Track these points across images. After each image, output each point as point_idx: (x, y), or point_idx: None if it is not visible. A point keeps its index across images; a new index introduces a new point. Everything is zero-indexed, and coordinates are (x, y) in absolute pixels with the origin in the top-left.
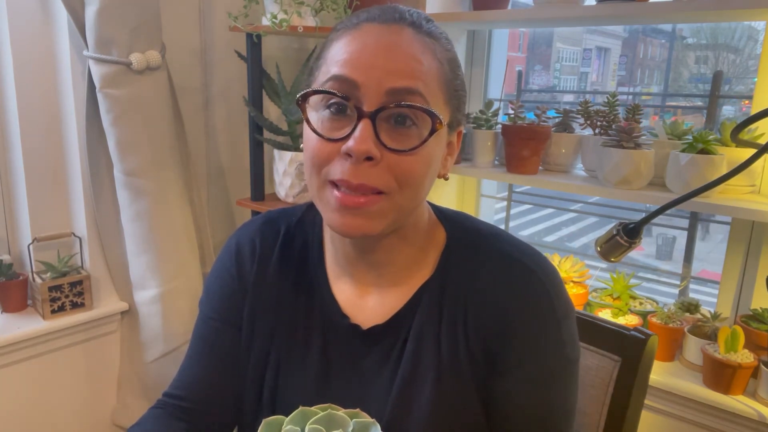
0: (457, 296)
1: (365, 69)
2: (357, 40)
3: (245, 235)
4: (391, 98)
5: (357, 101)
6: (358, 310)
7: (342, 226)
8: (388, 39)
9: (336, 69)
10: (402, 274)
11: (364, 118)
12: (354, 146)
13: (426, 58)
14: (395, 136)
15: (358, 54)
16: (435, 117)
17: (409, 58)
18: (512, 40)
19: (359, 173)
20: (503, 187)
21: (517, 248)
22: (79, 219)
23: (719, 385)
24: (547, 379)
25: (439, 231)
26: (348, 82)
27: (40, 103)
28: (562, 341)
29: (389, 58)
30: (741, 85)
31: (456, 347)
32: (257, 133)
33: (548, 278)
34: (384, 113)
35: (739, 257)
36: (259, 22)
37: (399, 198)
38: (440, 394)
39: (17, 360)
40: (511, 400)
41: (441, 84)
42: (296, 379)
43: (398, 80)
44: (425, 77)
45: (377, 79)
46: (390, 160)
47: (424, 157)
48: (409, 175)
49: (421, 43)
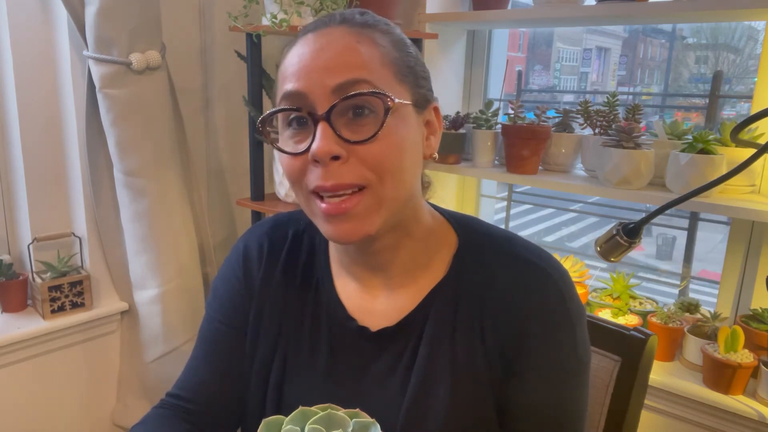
0: (473, 299)
1: (306, 76)
2: (296, 53)
3: (253, 238)
4: (338, 94)
5: (310, 108)
6: (367, 313)
7: (335, 234)
8: (321, 41)
9: (285, 85)
10: (410, 275)
11: (320, 122)
12: (316, 150)
13: (363, 47)
14: (355, 128)
15: (298, 65)
16: (384, 96)
17: (344, 52)
18: (512, 40)
19: (331, 175)
20: (503, 187)
21: (532, 251)
22: (79, 219)
23: (719, 385)
24: (561, 380)
25: (450, 233)
26: (296, 94)
27: (40, 103)
28: (575, 343)
29: (324, 58)
30: (741, 85)
31: (473, 350)
32: (257, 133)
33: (563, 281)
34: (335, 110)
35: (739, 257)
36: (259, 22)
37: (381, 190)
38: (457, 398)
39: (17, 360)
40: (524, 402)
41: (387, 65)
42: (302, 383)
43: (339, 76)
44: (366, 64)
45: (319, 81)
46: (358, 153)
47: (393, 142)
48: (381, 162)
49: (354, 35)
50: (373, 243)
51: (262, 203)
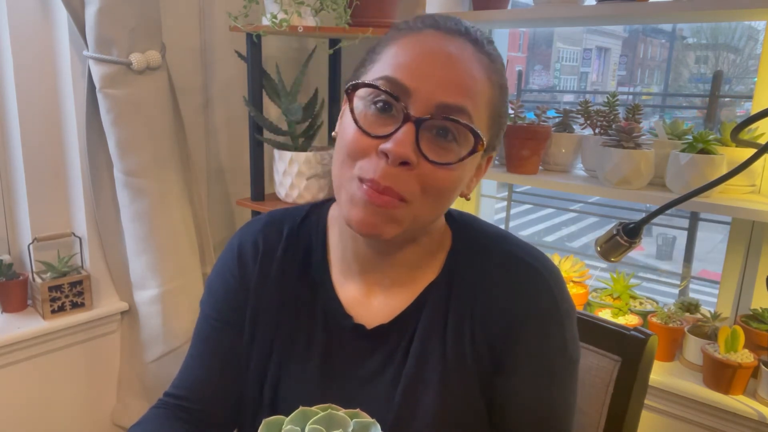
0: (464, 296)
1: (420, 77)
2: (417, 45)
3: (248, 235)
4: (439, 112)
5: (405, 104)
6: (363, 310)
7: (359, 221)
8: (449, 50)
9: (390, 71)
10: (408, 275)
11: (409, 122)
12: (392, 148)
13: (480, 79)
14: (434, 147)
15: (415, 60)
16: (478, 138)
17: (466, 75)
18: (512, 40)
19: (389, 176)
20: (503, 187)
21: (523, 249)
22: (79, 219)
23: (719, 385)
24: (550, 378)
25: (447, 232)
26: (400, 86)
27: (40, 103)
28: (565, 341)
29: (446, 69)
30: (741, 85)
31: (462, 347)
32: (257, 133)
33: (553, 279)
34: (429, 122)
35: (739, 257)
36: (259, 22)
37: (419, 207)
38: (445, 394)
39: (17, 360)
40: (514, 399)
41: (489, 107)
42: (298, 380)
43: (450, 96)
44: (476, 97)
45: (430, 90)
46: (423, 169)
47: (457, 174)
48: (437, 187)
49: (479, 62)
50: (381, 244)
51: (262, 203)
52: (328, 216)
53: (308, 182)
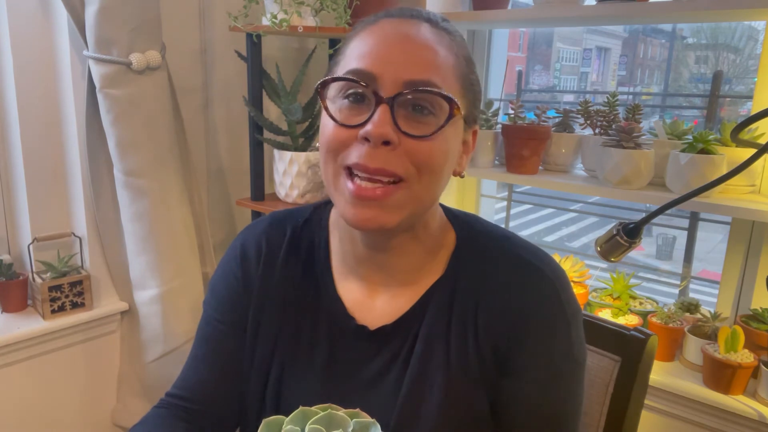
0: (468, 297)
1: (382, 62)
2: (374, 34)
3: (251, 236)
4: (408, 88)
5: (375, 89)
6: (366, 311)
7: (356, 218)
8: (405, 31)
9: (354, 63)
10: (411, 275)
11: (383, 104)
12: (372, 129)
13: (442, 50)
14: (413, 123)
15: (375, 47)
16: (452, 102)
17: (425, 50)
18: (512, 40)
19: (377, 157)
20: (503, 187)
21: (528, 250)
22: (79, 219)
23: (719, 385)
24: (555, 380)
25: (450, 232)
26: (365, 74)
27: (40, 103)
28: (570, 343)
29: (405, 50)
30: (741, 85)
31: (465, 348)
32: (257, 133)
33: (558, 280)
34: (401, 98)
35: (739, 257)
36: (259, 22)
37: (417, 187)
38: (449, 395)
39: (17, 360)
40: (518, 401)
41: (457, 77)
42: (300, 381)
43: (415, 72)
44: (441, 69)
45: (395, 71)
46: (408, 146)
47: (442, 145)
48: (427, 160)
49: (437, 36)
50: (384, 241)
51: (262, 203)
52: (330, 218)
53: (308, 182)
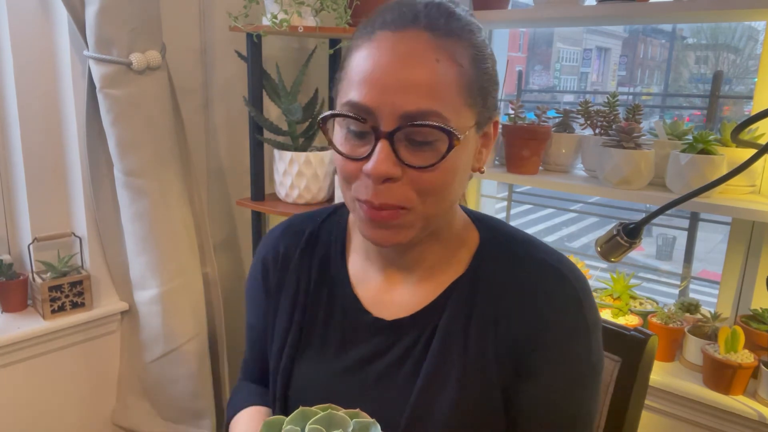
0: (489, 297)
1: (379, 93)
2: (371, 57)
3: (269, 245)
4: (405, 121)
5: (374, 122)
6: (383, 306)
7: (372, 237)
8: (401, 51)
9: (352, 93)
10: (431, 272)
11: (382, 139)
12: (372, 169)
13: (442, 66)
14: (415, 153)
15: (372, 75)
16: (452, 135)
17: (423, 72)
18: (512, 40)
19: (380, 194)
20: (503, 187)
21: (551, 255)
22: (79, 219)
23: (719, 385)
24: (572, 385)
25: (472, 232)
26: (362, 108)
27: (40, 103)
28: (590, 350)
29: (400, 78)
30: (741, 85)
31: (484, 347)
32: (257, 133)
33: (581, 286)
34: (400, 133)
35: (739, 257)
36: (259, 22)
37: (422, 208)
38: (464, 393)
39: (17, 360)
40: (534, 405)
41: (460, 89)
42: (311, 374)
43: (411, 102)
44: (441, 92)
45: (391, 103)
46: (412, 175)
47: (447, 170)
48: (430, 189)
49: (435, 50)
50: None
51: (262, 203)
52: (350, 216)
53: (308, 182)
